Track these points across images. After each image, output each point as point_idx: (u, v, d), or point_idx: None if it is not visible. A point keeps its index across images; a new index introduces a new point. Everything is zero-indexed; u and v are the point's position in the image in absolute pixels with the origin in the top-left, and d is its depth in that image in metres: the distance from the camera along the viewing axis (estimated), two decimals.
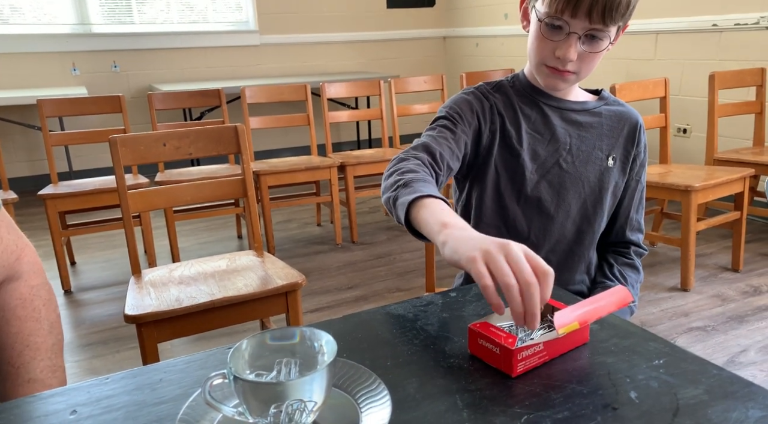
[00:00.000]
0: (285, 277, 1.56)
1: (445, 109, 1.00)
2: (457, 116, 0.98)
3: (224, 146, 1.76)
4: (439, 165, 0.91)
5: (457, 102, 1.01)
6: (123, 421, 0.54)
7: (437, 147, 0.92)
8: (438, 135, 0.95)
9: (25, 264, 0.82)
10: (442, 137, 0.95)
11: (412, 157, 0.89)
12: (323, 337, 0.55)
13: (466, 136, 0.97)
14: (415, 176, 0.82)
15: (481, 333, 0.61)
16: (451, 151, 0.94)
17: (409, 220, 0.76)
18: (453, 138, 0.95)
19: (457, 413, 0.54)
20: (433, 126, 0.99)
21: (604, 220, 1.05)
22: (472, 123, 0.98)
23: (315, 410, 0.52)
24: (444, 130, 0.96)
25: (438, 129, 0.97)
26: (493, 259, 0.58)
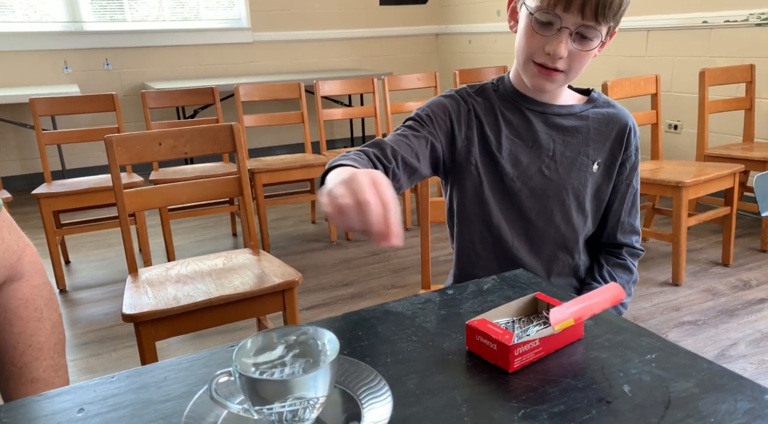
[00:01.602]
0: (281, 275, 1.57)
1: (416, 112, 1.00)
2: (427, 118, 0.98)
3: (220, 145, 1.76)
4: (389, 158, 0.89)
5: (432, 104, 1.01)
6: (130, 419, 0.55)
7: (390, 143, 0.91)
8: (400, 134, 0.95)
9: (27, 264, 0.82)
10: (402, 135, 0.94)
11: (357, 151, 0.89)
12: (326, 335, 0.56)
13: (433, 138, 0.97)
14: (340, 160, 0.81)
15: (478, 330, 0.63)
16: (410, 149, 0.93)
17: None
18: (415, 136, 0.94)
19: (456, 408, 0.55)
20: (400, 127, 0.99)
21: (589, 225, 1.05)
22: (443, 126, 0.98)
23: (318, 406, 0.53)
24: (407, 129, 0.96)
25: (402, 129, 0.97)
26: (336, 188, 0.58)
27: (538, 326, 0.68)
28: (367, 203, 0.56)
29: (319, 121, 3.06)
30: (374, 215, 0.56)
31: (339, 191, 0.58)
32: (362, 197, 0.56)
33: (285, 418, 0.52)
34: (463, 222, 1.04)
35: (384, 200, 0.57)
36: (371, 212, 0.56)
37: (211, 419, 0.55)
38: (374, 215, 0.56)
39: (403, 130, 0.97)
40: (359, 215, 0.56)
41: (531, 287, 0.81)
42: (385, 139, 0.93)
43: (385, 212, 0.56)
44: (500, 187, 1.00)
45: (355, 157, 0.84)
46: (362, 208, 0.56)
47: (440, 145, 0.99)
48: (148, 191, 1.66)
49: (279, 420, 0.52)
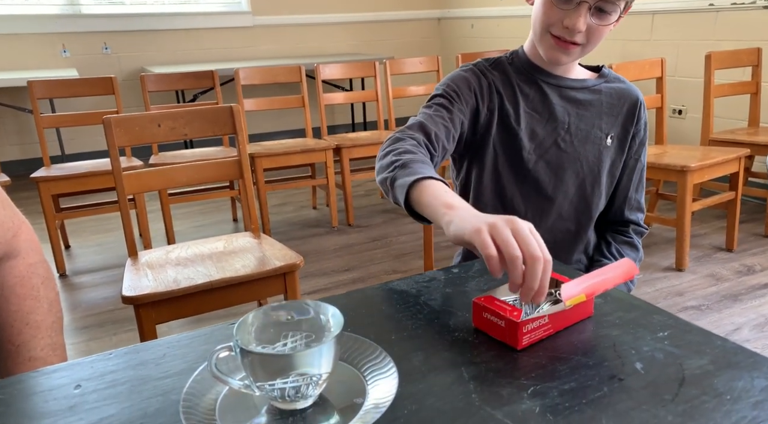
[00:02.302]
0: (283, 258, 1.56)
1: (441, 87, 0.99)
2: (454, 94, 0.96)
3: (220, 127, 1.74)
4: (434, 146, 0.90)
5: (455, 79, 0.99)
6: (128, 395, 0.54)
7: (433, 127, 0.91)
8: (434, 114, 0.94)
9: (23, 241, 0.81)
10: (439, 116, 0.93)
11: (408, 137, 0.88)
12: (329, 310, 0.55)
13: (462, 115, 0.96)
14: (413, 157, 0.81)
15: (485, 307, 0.61)
16: (447, 131, 0.92)
17: (409, 202, 0.75)
18: (449, 117, 0.94)
19: (464, 385, 0.54)
20: (429, 104, 0.97)
21: (602, 200, 1.04)
22: (469, 101, 0.97)
23: (321, 382, 0.52)
24: (440, 108, 0.95)
25: (434, 108, 0.95)
26: (498, 231, 0.58)
27: (547, 303, 0.66)
28: (538, 260, 0.56)
29: (319, 105, 3.02)
30: (540, 273, 0.57)
31: (506, 238, 0.58)
32: (534, 253, 0.57)
33: (287, 394, 0.51)
34: (477, 198, 1.03)
35: (547, 258, 0.58)
36: (539, 271, 0.57)
37: (212, 395, 0.53)
38: (540, 273, 0.57)
39: (435, 109, 0.95)
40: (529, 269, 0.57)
41: None
42: (426, 122, 0.92)
43: (544, 269, 0.57)
44: (517, 160, 0.99)
45: (419, 153, 0.83)
46: (533, 264, 0.57)
47: (467, 122, 0.97)
48: (147, 173, 1.64)
49: (281, 396, 0.51)
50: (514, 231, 0.58)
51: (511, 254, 0.57)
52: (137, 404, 0.53)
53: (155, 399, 0.53)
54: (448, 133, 0.92)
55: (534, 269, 0.56)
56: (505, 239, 0.58)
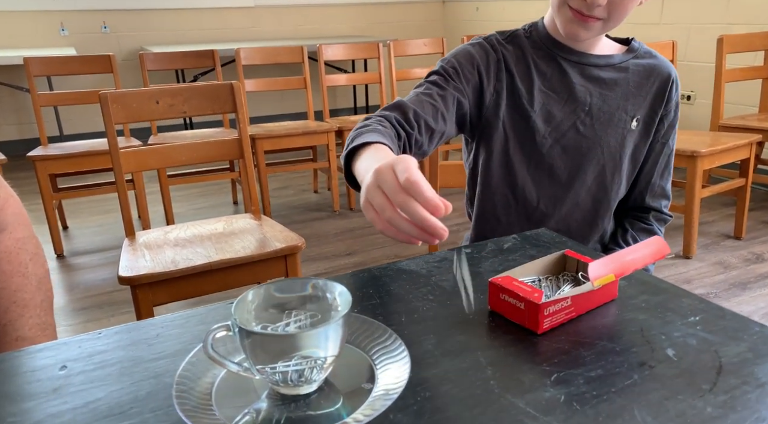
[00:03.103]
0: (284, 240, 1.52)
1: (441, 63, 0.92)
2: (453, 71, 0.90)
3: (220, 105, 1.69)
4: (411, 123, 0.83)
5: (458, 54, 0.92)
6: (117, 377, 0.50)
7: (413, 105, 0.84)
8: (423, 92, 0.88)
9: (10, 215, 0.76)
10: (426, 94, 0.87)
11: (377, 117, 0.82)
12: (336, 288, 0.51)
13: (459, 94, 0.89)
14: (363, 129, 0.75)
15: (503, 288, 0.57)
16: (434, 109, 0.86)
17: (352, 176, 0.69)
18: (440, 94, 0.87)
19: (481, 371, 0.50)
20: (422, 82, 0.91)
21: (622, 187, 0.98)
22: (471, 79, 0.90)
23: (327, 366, 0.48)
24: (432, 86, 0.89)
25: (425, 85, 0.89)
26: (373, 197, 0.53)
27: (568, 284, 0.62)
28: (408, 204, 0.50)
29: (322, 87, 2.96)
30: (417, 209, 0.50)
31: (379, 202, 0.52)
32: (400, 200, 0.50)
33: (290, 378, 0.47)
34: (486, 184, 0.97)
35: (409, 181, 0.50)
36: (417, 213, 0.50)
37: (208, 379, 0.49)
38: (418, 210, 0.50)
39: (426, 87, 0.89)
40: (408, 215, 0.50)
41: (555, 246, 0.75)
42: (407, 101, 0.86)
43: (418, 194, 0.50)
44: (529, 145, 0.93)
45: (378, 126, 0.77)
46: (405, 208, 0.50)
47: (467, 101, 0.91)
48: (145, 151, 1.60)
49: (283, 381, 0.47)
50: (382, 188, 0.52)
51: (388, 217, 0.51)
52: (127, 387, 0.49)
53: (147, 382, 0.49)
54: (435, 112, 0.86)
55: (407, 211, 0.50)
56: (378, 205, 0.52)
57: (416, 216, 0.50)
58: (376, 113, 0.84)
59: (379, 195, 0.52)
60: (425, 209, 0.50)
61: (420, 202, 0.50)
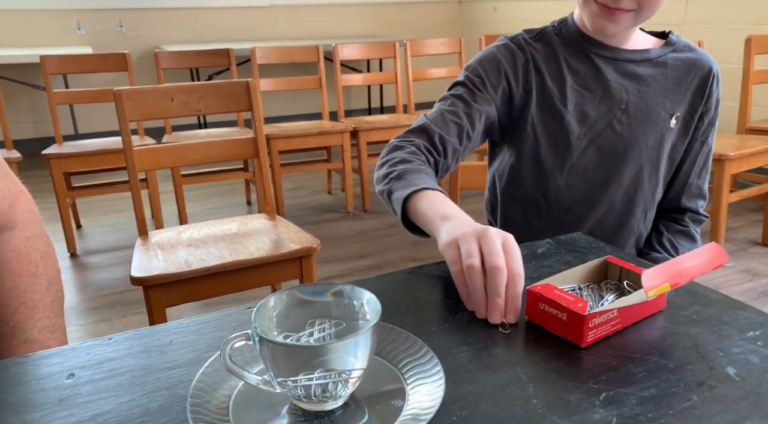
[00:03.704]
0: (299, 241, 1.48)
1: (466, 72, 0.89)
2: (479, 81, 0.87)
3: (235, 103, 1.66)
4: (438, 149, 0.83)
5: (483, 60, 0.89)
6: (127, 388, 0.46)
7: (438, 128, 0.83)
8: (448, 109, 0.86)
9: (20, 212, 0.73)
10: (451, 112, 0.85)
11: (407, 143, 0.82)
12: (364, 295, 0.47)
13: (487, 105, 0.87)
14: (409, 167, 0.75)
15: (543, 297, 0.53)
16: (459, 129, 0.85)
17: (406, 215, 0.71)
18: (465, 112, 0.85)
19: (521, 388, 0.45)
20: (447, 95, 0.89)
21: (659, 188, 0.93)
22: (498, 85, 0.87)
23: (353, 380, 0.44)
24: (457, 102, 0.86)
25: (450, 100, 0.87)
26: (465, 242, 0.56)
27: (611, 293, 0.57)
28: (499, 270, 0.53)
29: (337, 87, 2.93)
30: (503, 285, 0.53)
31: (468, 248, 0.55)
32: (495, 262, 0.53)
33: (313, 393, 0.43)
34: (514, 188, 0.93)
35: (514, 271, 0.54)
36: (501, 282, 0.53)
37: (224, 391, 0.45)
38: (503, 286, 0.53)
39: (451, 103, 0.86)
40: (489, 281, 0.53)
41: (593, 251, 0.70)
42: (431, 122, 0.85)
43: (512, 284, 0.53)
44: (563, 147, 0.88)
45: (420, 165, 0.78)
46: (493, 274, 0.53)
47: (495, 109, 0.88)
48: (159, 150, 1.57)
49: (306, 395, 0.43)
50: (480, 240, 0.55)
51: (468, 264, 0.54)
52: (137, 398, 0.45)
53: (159, 394, 0.45)
54: (460, 132, 0.85)
55: (494, 280, 0.53)
56: (466, 250, 0.55)
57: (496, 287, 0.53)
58: (405, 138, 0.84)
59: (474, 245, 0.55)
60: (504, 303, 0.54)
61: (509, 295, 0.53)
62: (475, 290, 0.54)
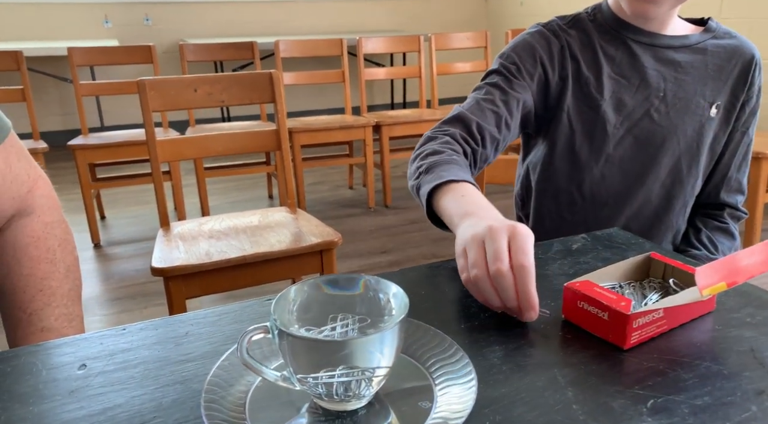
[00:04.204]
0: (320, 235, 1.46)
1: (500, 60, 0.86)
2: (514, 68, 0.83)
3: (258, 94, 1.64)
4: (475, 138, 0.79)
5: (517, 47, 0.86)
6: (140, 381, 0.44)
7: (475, 116, 0.79)
8: (483, 98, 0.82)
9: (39, 198, 0.72)
10: (487, 100, 0.81)
11: (441, 134, 0.78)
12: (390, 288, 0.43)
13: (524, 93, 0.83)
14: (439, 159, 0.71)
15: (582, 294, 0.49)
16: (497, 117, 0.81)
17: (433, 210, 0.67)
18: (503, 100, 0.82)
19: (560, 392, 0.42)
20: (482, 84, 0.85)
21: (699, 181, 0.89)
22: (534, 73, 0.84)
23: (379, 379, 0.41)
24: (493, 90, 0.83)
25: (485, 89, 0.83)
26: (471, 249, 0.52)
27: (654, 292, 0.53)
28: (500, 275, 0.49)
29: (360, 81, 2.90)
30: (509, 289, 0.49)
31: (474, 257, 0.51)
32: (496, 267, 0.49)
33: (335, 391, 0.40)
34: (547, 181, 0.90)
35: (516, 264, 0.49)
36: (506, 286, 0.49)
37: (241, 386, 0.43)
38: (509, 289, 0.49)
39: (486, 91, 0.83)
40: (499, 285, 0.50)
41: (631, 247, 0.66)
42: (467, 111, 0.81)
43: (518, 280, 0.49)
44: (598, 137, 0.85)
45: (453, 155, 0.74)
46: (496, 280, 0.49)
47: (532, 97, 0.84)
48: (182, 140, 1.56)
49: (327, 394, 0.40)
50: (486, 245, 0.51)
51: (471, 275, 0.51)
52: (150, 392, 0.43)
53: (172, 388, 0.43)
54: (498, 120, 0.81)
55: (499, 286, 0.49)
56: (471, 259, 0.51)
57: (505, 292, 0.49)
58: (440, 129, 0.80)
59: (479, 253, 0.51)
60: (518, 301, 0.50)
61: (519, 292, 0.49)
62: (488, 297, 0.51)
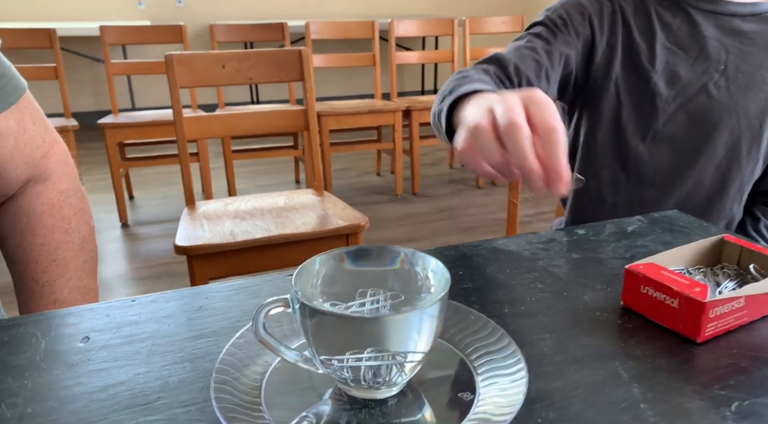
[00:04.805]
0: (346, 218, 1.41)
1: (546, 13, 0.78)
2: (561, 22, 0.76)
3: (287, 72, 1.60)
4: (512, 78, 0.70)
5: (567, 4, 0.78)
6: (146, 357, 0.39)
7: (513, 58, 0.71)
8: (525, 45, 0.74)
9: (54, 164, 0.68)
10: (529, 48, 0.73)
11: (473, 68, 0.70)
12: (429, 262, 0.38)
13: (568, 49, 0.75)
14: (465, 80, 0.62)
15: (647, 278, 0.43)
16: (538, 66, 0.72)
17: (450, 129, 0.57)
18: (545, 49, 0.74)
19: (624, 388, 0.36)
20: (523, 34, 0.77)
21: (759, 164, 0.81)
22: (581, 32, 0.76)
23: (413, 365, 0.35)
24: (535, 39, 0.75)
25: (528, 38, 0.75)
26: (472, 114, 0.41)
27: (729, 279, 0.47)
28: (514, 126, 0.37)
29: (391, 64, 2.84)
30: (523, 142, 0.37)
31: (474, 115, 0.40)
32: (508, 118, 0.38)
33: (363, 376, 0.35)
34: (589, 157, 0.83)
35: (539, 123, 0.37)
36: (520, 138, 0.37)
37: (257, 368, 0.38)
38: (524, 143, 0.37)
39: (528, 40, 0.75)
40: (510, 141, 0.38)
41: (695, 231, 0.59)
42: (505, 54, 0.73)
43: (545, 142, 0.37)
44: (647, 111, 0.77)
45: (482, 76, 0.65)
46: (511, 133, 0.37)
47: (575, 59, 0.77)
48: (209, 118, 1.53)
49: (354, 379, 0.35)
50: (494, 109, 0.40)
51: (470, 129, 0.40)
52: (156, 370, 0.38)
53: (180, 366, 0.38)
54: (539, 69, 0.73)
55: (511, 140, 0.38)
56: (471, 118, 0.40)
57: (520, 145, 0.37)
58: (472, 67, 0.71)
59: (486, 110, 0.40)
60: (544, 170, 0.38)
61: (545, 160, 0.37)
62: (486, 152, 0.39)
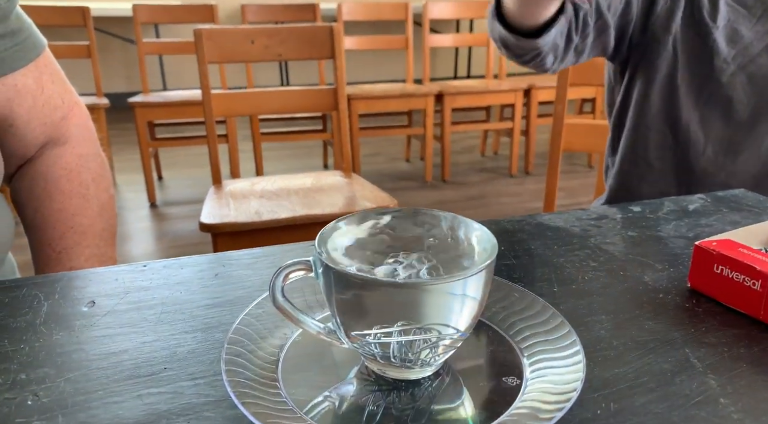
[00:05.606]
0: (374, 199, 1.37)
1: None
2: None
3: (317, 49, 1.56)
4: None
5: None
6: (154, 324, 0.36)
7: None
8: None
9: (74, 127, 0.65)
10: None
11: None
12: (472, 228, 0.33)
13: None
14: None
15: (722, 255, 0.37)
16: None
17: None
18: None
19: (697, 379, 0.31)
20: None
21: None
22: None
23: (451, 343, 0.31)
24: None
25: None
26: None
27: None
28: None
29: (424, 47, 2.77)
30: None
31: None
32: None
33: (393, 353, 0.30)
34: (640, 117, 0.77)
35: None
36: None
37: (275, 340, 0.34)
38: None
39: None
40: None
41: (766, 212, 0.53)
42: None
43: None
44: (704, 71, 0.72)
45: None
46: None
47: (635, 7, 0.72)
48: (237, 95, 1.50)
49: (383, 356, 0.30)
50: None
51: None
52: (164, 339, 0.34)
53: (190, 335, 0.35)
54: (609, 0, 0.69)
55: None
56: None
57: None
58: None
59: None
60: None
61: None
62: None
